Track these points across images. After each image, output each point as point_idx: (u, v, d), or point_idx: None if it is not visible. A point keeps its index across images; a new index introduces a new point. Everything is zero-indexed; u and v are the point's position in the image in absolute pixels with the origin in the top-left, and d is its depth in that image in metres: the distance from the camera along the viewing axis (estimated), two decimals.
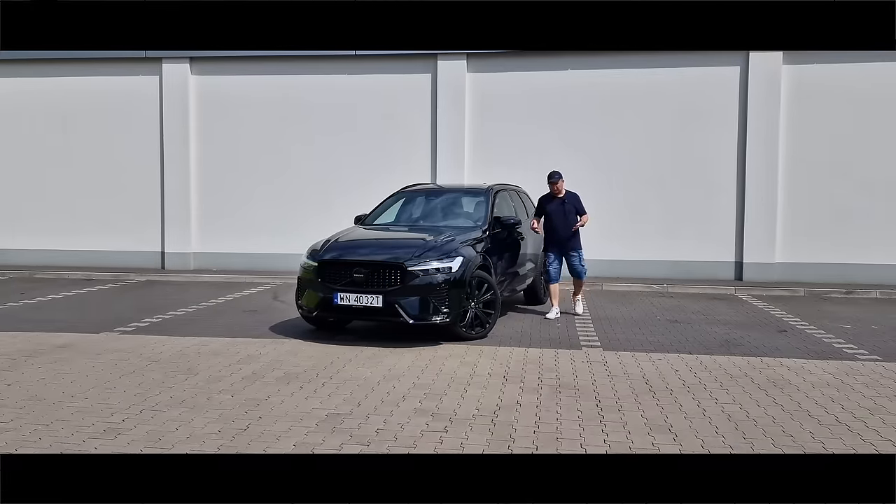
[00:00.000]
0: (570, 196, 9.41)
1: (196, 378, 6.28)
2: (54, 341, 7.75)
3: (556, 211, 9.34)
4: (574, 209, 9.32)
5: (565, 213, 9.29)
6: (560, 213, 9.32)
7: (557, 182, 9.31)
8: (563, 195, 9.37)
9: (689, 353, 7.35)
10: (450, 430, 4.96)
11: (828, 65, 12.48)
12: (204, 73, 14.07)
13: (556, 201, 9.37)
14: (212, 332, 8.37)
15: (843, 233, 12.61)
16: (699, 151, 12.95)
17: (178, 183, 14.12)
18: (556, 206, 9.35)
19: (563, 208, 9.31)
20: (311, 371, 6.53)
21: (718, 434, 4.92)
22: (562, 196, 9.36)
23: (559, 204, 9.34)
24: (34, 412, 5.31)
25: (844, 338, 8.27)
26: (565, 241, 9.34)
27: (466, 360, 6.99)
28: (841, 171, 12.59)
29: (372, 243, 8.46)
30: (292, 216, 13.77)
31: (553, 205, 9.38)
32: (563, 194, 9.37)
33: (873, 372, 6.66)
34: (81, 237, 14.41)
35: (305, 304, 8.08)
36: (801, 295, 11.74)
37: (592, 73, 13.03)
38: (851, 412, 5.42)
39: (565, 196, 9.37)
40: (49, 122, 14.52)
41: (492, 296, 8.12)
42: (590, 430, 4.98)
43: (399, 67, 13.49)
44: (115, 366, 6.70)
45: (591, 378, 6.36)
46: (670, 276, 12.78)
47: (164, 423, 5.07)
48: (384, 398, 5.70)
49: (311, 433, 4.90)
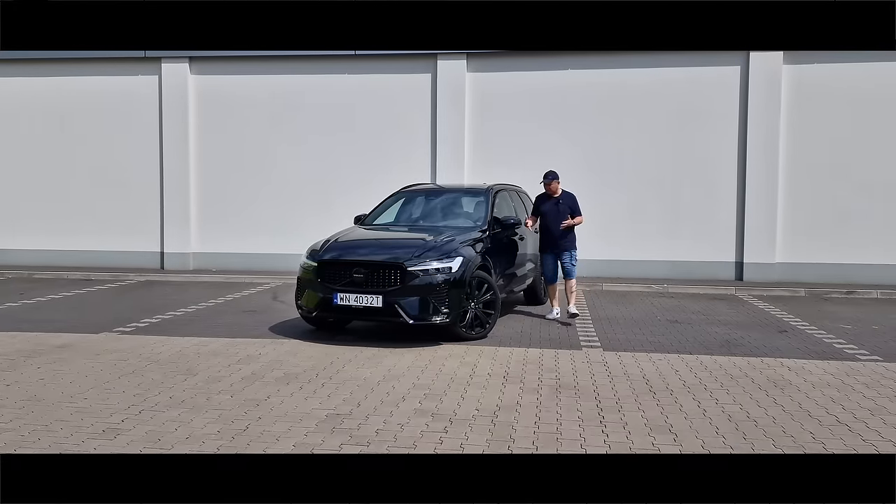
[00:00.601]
0: (565, 196, 9.36)
1: (195, 378, 6.27)
2: (53, 342, 7.73)
3: (551, 211, 9.29)
4: (569, 209, 9.26)
5: (559, 213, 9.23)
6: (554, 213, 9.26)
7: (551, 182, 9.27)
8: (558, 195, 9.32)
9: (689, 354, 7.35)
10: (450, 431, 4.96)
11: (828, 64, 12.46)
12: (203, 72, 14.06)
13: (550, 201, 9.32)
14: (211, 332, 8.35)
15: (844, 233, 12.58)
16: (699, 151, 12.94)
17: (178, 183, 14.11)
18: (551, 206, 9.30)
19: (558, 208, 9.25)
20: (310, 371, 6.52)
21: (719, 434, 4.91)
22: (557, 196, 9.31)
23: (554, 204, 9.29)
24: (33, 412, 5.31)
25: (845, 338, 8.25)
26: (558, 240, 9.27)
27: (466, 360, 6.98)
28: (841, 172, 12.58)
29: (372, 243, 8.44)
30: (292, 216, 13.75)
31: (548, 205, 9.33)
32: (559, 194, 9.32)
33: (874, 372, 6.65)
34: (80, 237, 14.38)
35: (305, 304, 8.07)
36: (802, 295, 11.72)
37: (592, 72, 13.02)
38: (852, 413, 5.41)
39: (561, 196, 9.33)
40: (48, 122, 14.50)
41: (492, 296, 8.10)
42: (590, 431, 4.97)
43: (399, 67, 13.47)
44: (115, 366, 6.69)
45: (592, 378, 6.35)
46: (670, 277, 12.77)
47: (163, 424, 5.06)
48: (384, 398, 5.69)
49: (310, 434, 4.89)
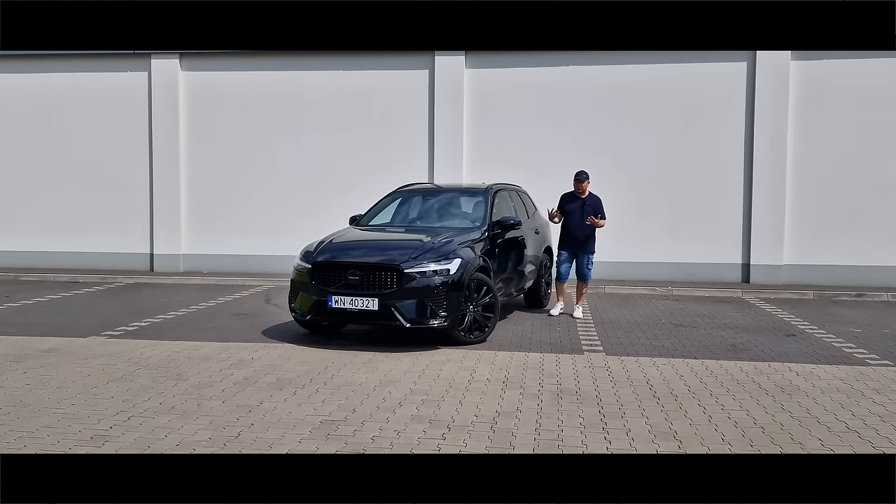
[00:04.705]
0: (591, 199, 9.44)
1: (186, 384, 6.21)
2: (40, 346, 7.67)
3: (576, 211, 9.36)
4: (593, 212, 9.33)
5: (584, 214, 9.31)
6: (579, 213, 9.34)
7: (583, 181, 9.35)
8: (585, 196, 9.40)
9: (694, 358, 7.28)
10: (447, 438, 4.91)
11: (838, 60, 12.24)
12: (194, 68, 13.84)
13: (577, 202, 9.40)
14: (202, 336, 8.29)
15: (854, 234, 12.37)
16: (705, 150, 12.74)
17: (168, 182, 13.90)
18: (577, 207, 9.38)
19: (583, 210, 9.33)
20: (304, 376, 6.46)
21: (725, 441, 4.85)
22: (584, 197, 9.39)
23: (580, 205, 9.37)
24: (19, 419, 5.26)
25: (855, 342, 8.16)
26: (580, 242, 9.38)
27: (465, 364, 6.91)
28: (851, 170, 12.36)
29: (367, 245, 8.35)
30: (286, 216, 13.59)
31: (574, 204, 9.41)
32: (586, 195, 9.41)
33: (884, 377, 6.57)
34: (68, 238, 14.19)
35: (299, 307, 7.98)
36: (810, 298, 11.58)
37: (594, 68, 12.82)
38: (862, 419, 5.34)
39: (587, 198, 9.40)
40: (34, 120, 14.28)
41: (491, 299, 8.01)
42: (592, 438, 4.91)
43: (396, 63, 13.30)
44: (103, 371, 6.64)
45: (594, 383, 6.27)
46: (675, 279, 12.61)
47: (152, 431, 5.02)
48: (380, 404, 5.64)
49: (304, 440, 4.85)
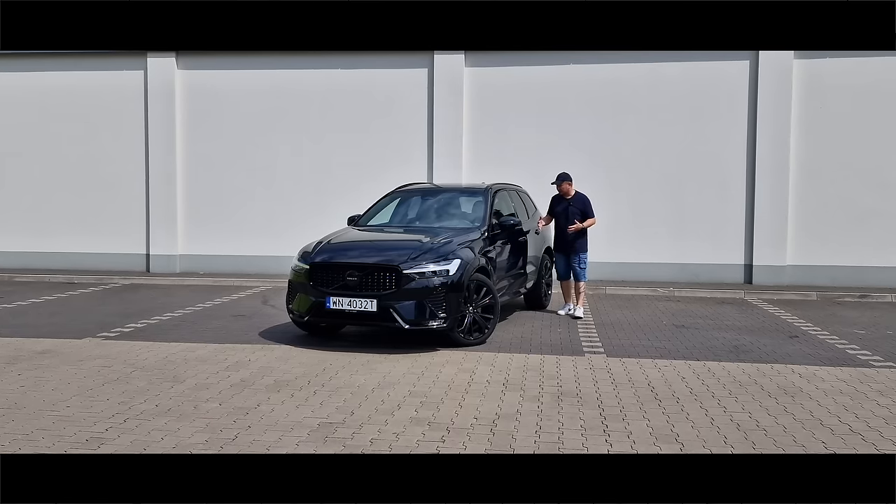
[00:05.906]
0: (577, 198, 9.57)
1: (182, 386, 6.18)
2: (35, 347, 7.64)
3: (562, 213, 9.60)
4: (579, 212, 9.47)
5: (569, 215, 9.48)
6: (564, 214, 9.56)
7: (561, 184, 9.56)
8: (570, 197, 9.55)
9: (696, 360, 7.24)
10: (447, 440, 4.87)
11: (841, 59, 12.15)
12: (191, 67, 13.76)
13: (563, 203, 9.60)
14: (199, 337, 8.26)
15: (857, 234, 12.29)
16: (706, 149, 12.65)
17: (164, 182, 13.82)
18: (563, 208, 9.60)
19: (568, 211, 9.51)
20: (302, 378, 6.43)
21: (727, 444, 4.82)
22: (569, 198, 9.55)
23: (565, 206, 9.55)
24: (13, 421, 5.24)
25: (858, 343, 8.11)
26: (569, 243, 9.55)
27: (464, 366, 6.87)
28: (855, 170, 12.28)
29: (366, 245, 8.31)
30: (283, 217, 13.53)
31: (560, 206, 9.63)
32: (572, 196, 9.55)
33: (888, 379, 6.52)
34: (63, 239, 14.13)
35: (296, 308, 7.93)
36: (813, 299, 11.52)
37: (596, 67, 12.74)
38: (866, 421, 5.31)
39: (573, 198, 9.55)
40: (29, 119, 14.21)
41: (491, 300, 7.96)
42: (593, 440, 4.87)
43: (395, 62, 13.23)
44: (99, 373, 6.60)
45: (595, 386, 6.24)
46: (677, 280, 12.54)
47: (149, 433, 4.99)
48: (379, 407, 5.61)
49: (302, 443, 4.82)
